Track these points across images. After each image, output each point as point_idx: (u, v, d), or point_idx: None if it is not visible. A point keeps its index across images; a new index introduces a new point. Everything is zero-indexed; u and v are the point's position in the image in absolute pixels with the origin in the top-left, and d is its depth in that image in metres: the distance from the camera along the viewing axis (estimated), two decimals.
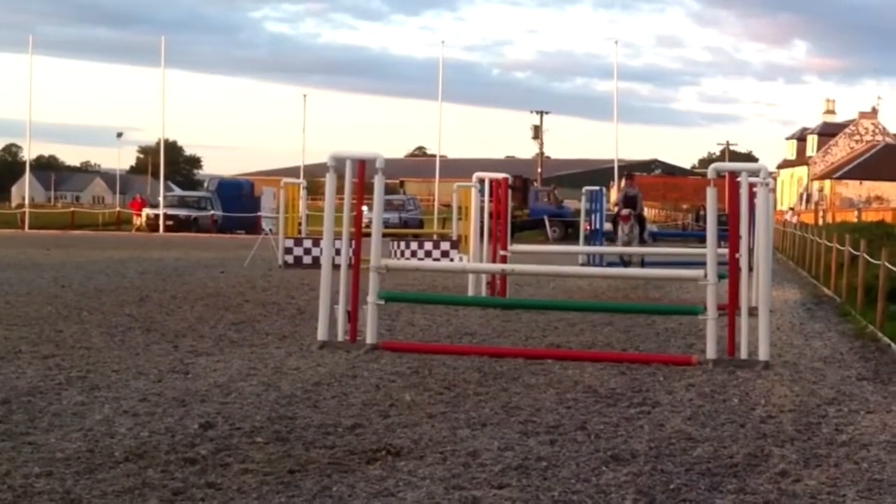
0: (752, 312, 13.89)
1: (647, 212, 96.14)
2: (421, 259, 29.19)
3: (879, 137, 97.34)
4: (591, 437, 8.88)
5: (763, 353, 12.75)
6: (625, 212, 27.61)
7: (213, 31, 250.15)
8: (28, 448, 8.05)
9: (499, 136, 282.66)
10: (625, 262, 27.97)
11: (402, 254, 29.59)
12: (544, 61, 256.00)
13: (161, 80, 69.86)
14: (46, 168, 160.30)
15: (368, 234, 14.32)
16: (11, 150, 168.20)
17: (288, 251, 29.44)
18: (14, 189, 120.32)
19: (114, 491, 7.02)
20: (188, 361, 12.32)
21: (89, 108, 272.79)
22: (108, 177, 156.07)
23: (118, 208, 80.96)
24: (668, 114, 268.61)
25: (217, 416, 9.31)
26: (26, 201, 71.52)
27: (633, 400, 10.58)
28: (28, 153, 79.36)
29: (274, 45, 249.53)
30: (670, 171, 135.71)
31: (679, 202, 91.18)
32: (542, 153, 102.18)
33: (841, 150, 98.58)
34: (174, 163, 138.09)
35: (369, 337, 13.48)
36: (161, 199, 66.53)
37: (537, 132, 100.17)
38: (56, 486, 7.06)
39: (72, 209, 79.82)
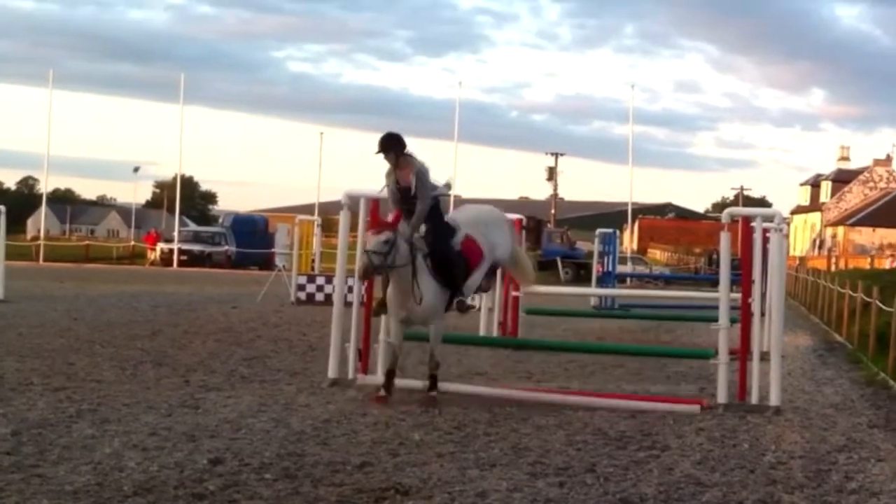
0: (764, 357, 13.86)
1: (660, 255, 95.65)
2: None
3: (894, 185, 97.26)
4: (601, 480, 8.86)
5: (774, 399, 12.72)
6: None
7: (234, 69, 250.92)
8: (37, 480, 8.06)
9: (513, 176, 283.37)
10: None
11: None
12: (562, 104, 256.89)
13: (179, 116, 70.28)
14: (62, 201, 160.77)
15: None
16: (28, 182, 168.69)
17: (300, 288, 29.50)
18: (30, 221, 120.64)
19: None
20: (199, 396, 12.33)
21: (107, 142, 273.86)
22: (123, 211, 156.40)
23: (133, 242, 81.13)
24: (684, 158, 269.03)
25: (226, 452, 9.31)
26: (42, 234, 71.80)
27: (642, 443, 10.55)
28: (45, 186, 79.62)
29: (295, 83, 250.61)
30: (684, 214, 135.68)
31: (692, 246, 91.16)
32: (556, 195, 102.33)
33: (855, 196, 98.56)
34: (190, 198, 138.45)
35: (380, 375, 13.46)
36: (176, 233, 66.81)
37: (552, 174, 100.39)
38: None
39: (86, 242, 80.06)
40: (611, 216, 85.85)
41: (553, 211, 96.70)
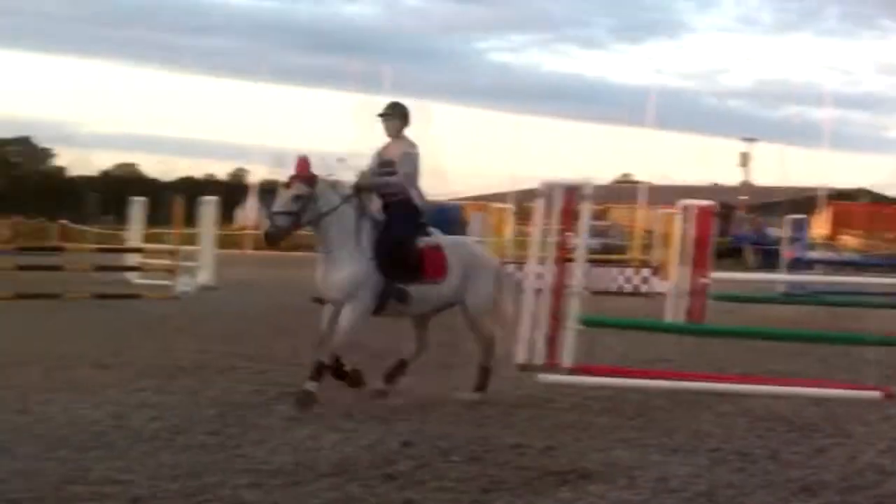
0: None
1: (852, 241, 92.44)
2: (621, 285, 29.26)
3: None
4: (782, 467, 8.90)
5: None
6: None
7: (437, 61, 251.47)
8: (240, 460, 8.49)
9: (705, 161, 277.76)
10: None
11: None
12: (760, 89, 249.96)
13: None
14: (270, 192, 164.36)
15: (572, 260, 14.36)
16: (238, 173, 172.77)
17: None
18: (239, 211, 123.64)
19: (317, 503, 7.41)
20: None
21: (312, 133, 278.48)
22: None
23: None
24: (882, 142, 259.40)
25: (417, 435, 9.57)
26: (251, 223, 73.87)
27: (826, 431, 10.49)
28: (255, 177, 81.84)
29: (495, 73, 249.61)
30: (879, 199, 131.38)
31: (885, 232, 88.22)
32: (748, 180, 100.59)
33: None
34: None
35: (567, 361, 13.60)
36: None
37: (745, 159, 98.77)
38: (263, 497, 7.46)
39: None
40: (803, 202, 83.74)
41: (744, 197, 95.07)
